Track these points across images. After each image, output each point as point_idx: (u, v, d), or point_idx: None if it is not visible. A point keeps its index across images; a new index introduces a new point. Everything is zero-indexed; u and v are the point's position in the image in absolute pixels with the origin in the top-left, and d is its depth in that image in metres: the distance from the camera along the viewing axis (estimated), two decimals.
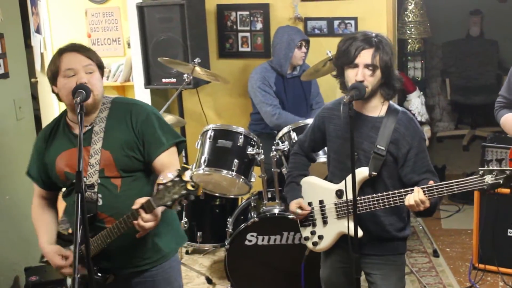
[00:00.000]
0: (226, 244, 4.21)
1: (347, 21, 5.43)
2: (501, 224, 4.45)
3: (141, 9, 5.38)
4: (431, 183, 2.74)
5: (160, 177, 2.45)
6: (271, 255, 4.15)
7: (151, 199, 2.45)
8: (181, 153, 2.90)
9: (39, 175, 2.91)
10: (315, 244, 3.14)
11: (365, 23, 5.33)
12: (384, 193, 2.84)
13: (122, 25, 6.29)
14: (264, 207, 4.25)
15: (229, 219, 4.46)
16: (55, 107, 6.10)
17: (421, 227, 5.32)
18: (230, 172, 4.23)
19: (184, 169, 2.39)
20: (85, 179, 2.66)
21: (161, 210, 2.56)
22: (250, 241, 4.15)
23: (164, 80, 5.44)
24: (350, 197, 2.86)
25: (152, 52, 5.40)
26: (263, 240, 4.14)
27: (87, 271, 2.49)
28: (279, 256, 4.14)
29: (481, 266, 4.54)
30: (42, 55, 6.17)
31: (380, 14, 5.36)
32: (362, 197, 2.89)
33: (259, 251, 4.15)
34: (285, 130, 4.34)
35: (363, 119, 2.96)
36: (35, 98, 5.59)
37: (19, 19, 4.47)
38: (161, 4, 5.45)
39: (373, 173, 2.89)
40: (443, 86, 8.14)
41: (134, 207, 2.50)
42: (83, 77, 2.68)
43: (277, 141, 4.31)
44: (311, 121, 4.18)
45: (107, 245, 2.70)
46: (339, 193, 2.98)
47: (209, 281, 4.68)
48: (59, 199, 3.03)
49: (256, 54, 5.71)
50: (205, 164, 4.24)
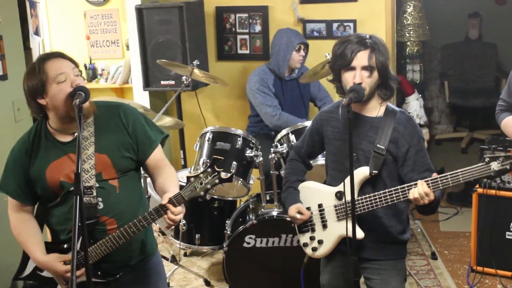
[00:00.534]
0: (224, 246, 4.21)
1: (346, 24, 5.43)
2: (499, 226, 4.45)
3: (140, 11, 5.39)
4: (435, 175, 2.73)
5: (189, 171, 2.51)
6: (269, 257, 4.14)
7: (182, 193, 2.56)
8: (163, 147, 2.95)
9: (19, 190, 2.81)
10: (314, 249, 3.12)
11: (364, 26, 5.33)
12: (386, 190, 2.82)
13: (121, 27, 6.31)
14: (262, 210, 4.25)
15: (227, 221, 4.45)
16: None
17: (419, 230, 5.32)
18: (228, 174, 4.22)
19: (215, 160, 2.56)
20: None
21: None
22: (248, 243, 4.15)
23: (162, 82, 5.45)
24: (351, 197, 2.83)
25: (151, 54, 5.41)
26: (261, 242, 4.14)
27: (86, 277, 2.49)
28: (277, 258, 4.14)
29: (479, 268, 4.54)
30: None
31: (379, 16, 5.36)
32: (362, 197, 2.87)
33: (258, 253, 4.15)
34: (283, 132, 4.34)
35: (362, 119, 2.96)
36: None
37: (18, 21, 4.47)
38: (160, 6, 5.46)
39: (373, 171, 2.88)
40: (442, 88, 8.14)
41: (163, 202, 2.59)
42: (75, 80, 2.65)
43: (275, 143, 4.31)
44: (309, 123, 4.19)
45: (119, 246, 2.71)
46: (339, 195, 2.97)
47: (207, 283, 4.67)
48: None
49: (254, 56, 5.72)
50: (204, 166, 4.24)
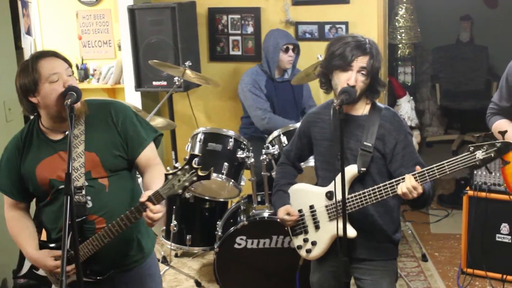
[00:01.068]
0: (215, 247, 4.20)
1: (338, 26, 5.43)
2: (490, 229, 4.46)
3: (132, 11, 5.38)
4: (418, 168, 2.72)
5: (167, 168, 2.48)
6: (260, 258, 4.15)
7: (160, 190, 2.49)
8: (159, 146, 2.92)
9: (12, 187, 2.85)
10: (308, 251, 3.12)
11: (356, 28, 5.34)
12: (375, 186, 2.82)
13: (113, 27, 6.30)
14: (253, 211, 4.25)
15: (218, 222, 4.45)
16: None
17: (410, 232, 5.34)
18: (220, 175, 4.24)
19: (193, 156, 2.44)
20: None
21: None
22: (239, 244, 4.15)
23: (154, 83, 5.44)
24: (341, 196, 2.82)
25: (143, 54, 5.40)
26: (252, 243, 4.14)
27: (77, 276, 2.49)
28: (268, 259, 4.14)
29: (470, 270, 4.55)
30: None
31: (371, 19, 5.37)
32: (353, 194, 2.87)
33: (248, 254, 4.15)
34: (275, 134, 4.34)
35: (348, 118, 2.94)
36: None
37: (10, 20, 4.46)
38: (152, 6, 5.46)
39: (362, 169, 2.88)
40: (433, 91, 8.17)
41: (141, 200, 2.53)
42: (68, 80, 2.66)
43: (267, 144, 4.31)
44: None
45: (104, 245, 2.69)
46: (329, 195, 2.97)
47: (198, 284, 4.67)
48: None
49: (247, 57, 5.72)
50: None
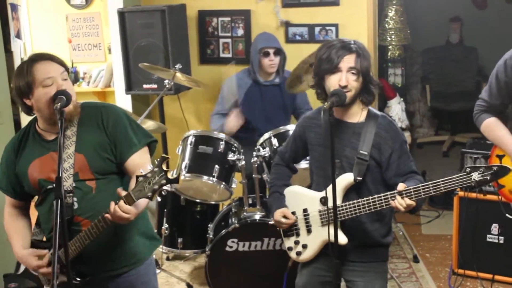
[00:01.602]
0: (207, 250, 4.19)
1: (328, 28, 5.44)
2: (480, 229, 4.47)
3: (122, 14, 5.37)
4: (403, 186, 2.73)
5: (140, 171, 2.47)
6: (251, 261, 4.14)
7: (130, 192, 2.48)
8: (154, 153, 2.90)
9: (10, 186, 2.89)
10: (298, 254, 3.12)
11: (346, 30, 5.35)
12: (370, 197, 2.82)
13: (103, 30, 6.28)
14: (245, 213, 4.25)
15: (210, 225, 4.45)
16: None
17: (401, 233, 5.34)
18: (211, 178, 4.24)
19: (163, 159, 2.42)
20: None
21: (143, 204, 2.62)
22: (231, 247, 4.14)
23: (145, 86, 5.43)
24: (336, 203, 2.82)
25: (133, 57, 5.39)
26: (243, 246, 4.14)
27: (67, 278, 2.49)
28: (259, 262, 4.14)
29: (461, 271, 4.55)
30: (22, 60, 6.14)
31: (360, 20, 5.38)
32: (346, 203, 2.87)
33: (240, 257, 4.15)
34: (266, 136, 4.34)
35: (344, 125, 2.95)
36: (14, 103, 5.52)
37: None
38: (142, 9, 5.45)
39: (358, 178, 2.88)
40: (423, 92, 8.19)
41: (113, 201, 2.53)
42: (62, 84, 2.68)
43: (258, 147, 4.31)
44: (291, 127, 4.21)
45: (86, 247, 2.68)
46: (324, 200, 2.96)
47: (190, 287, 4.66)
48: (31, 207, 3.00)
49: (237, 60, 5.70)
50: (186, 170, 4.25)
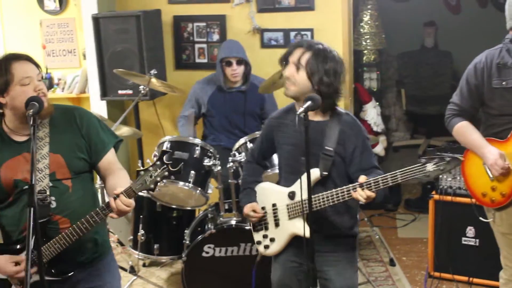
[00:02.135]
0: (183, 256, 4.19)
1: (303, 33, 5.46)
2: (456, 232, 4.51)
3: (96, 20, 5.35)
4: (364, 179, 2.85)
5: (139, 165, 2.53)
6: (228, 266, 4.14)
7: (132, 186, 2.59)
8: (117, 151, 2.99)
9: None
10: (266, 247, 3.23)
11: (321, 35, 5.37)
12: (333, 190, 2.94)
13: (77, 36, 6.23)
14: (221, 219, 4.24)
15: (186, 231, 4.43)
16: None
17: (377, 236, 5.37)
18: (187, 183, 4.23)
19: (164, 153, 2.58)
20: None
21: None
22: (207, 252, 4.14)
23: (120, 91, 5.41)
24: (303, 197, 2.94)
25: (108, 63, 5.37)
26: (220, 251, 4.14)
27: (39, 277, 2.53)
28: (236, 267, 4.14)
29: (437, 274, 4.59)
30: None
31: (336, 25, 5.40)
32: (313, 196, 2.95)
33: (217, 262, 4.15)
34: (241, 141, 4.35)
35: (310, 123, 2.99)
36: None
37: None
38: (117, 15, 5.43)
39: (323, 173, 3.00)
40: (399, 96, 8.25)
41: (116, 192, 2.60)
42: (39, 85, 2.73)
43: (233, 152, 4.31)
44: None
45: (72, 243, 2.72)
46: (291, 195, 3.09)
47: None
48: None
49: (212, 65, 5.66)
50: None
